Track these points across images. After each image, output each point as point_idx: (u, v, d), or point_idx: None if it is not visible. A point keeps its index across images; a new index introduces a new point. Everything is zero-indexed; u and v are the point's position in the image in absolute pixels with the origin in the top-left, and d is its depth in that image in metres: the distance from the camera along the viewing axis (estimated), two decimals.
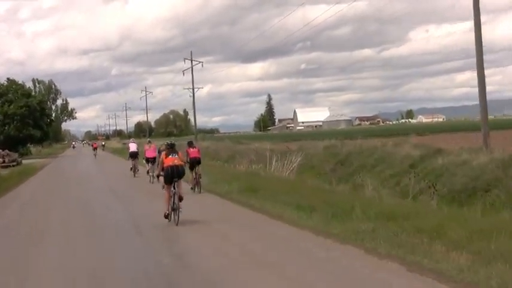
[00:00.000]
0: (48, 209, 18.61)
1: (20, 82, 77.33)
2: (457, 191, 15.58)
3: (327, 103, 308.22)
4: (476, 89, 21.03)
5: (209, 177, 22.83)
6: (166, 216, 13.36)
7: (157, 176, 13.98)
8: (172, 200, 13.25)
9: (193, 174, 20.32)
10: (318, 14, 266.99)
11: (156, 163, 21.09)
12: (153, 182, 24.34)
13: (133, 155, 30.75)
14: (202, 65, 70.49)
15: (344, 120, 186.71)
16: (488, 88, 21.97)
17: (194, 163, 20.15)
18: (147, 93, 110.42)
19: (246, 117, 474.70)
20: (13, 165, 47.54)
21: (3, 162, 48.47)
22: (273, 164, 22.69)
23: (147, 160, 26.74)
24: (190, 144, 20.89)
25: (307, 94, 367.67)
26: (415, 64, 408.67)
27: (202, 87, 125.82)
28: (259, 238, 11.24)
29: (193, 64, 68.88)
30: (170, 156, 13.53)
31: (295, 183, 17.19)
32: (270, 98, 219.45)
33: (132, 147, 31.33)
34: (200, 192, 20.09)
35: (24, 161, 54.64)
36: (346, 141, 30.16)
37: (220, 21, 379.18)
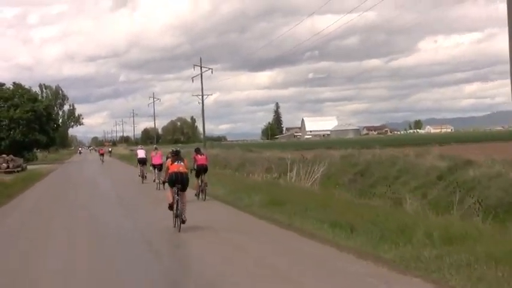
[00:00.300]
0: (52, 216, 17.80)
1: (26, 87, 76.49)
2: (492, 206, 14.37)
3: (334, 112, 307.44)
4: (484, 100, 19.85)
5: (224, 188, 21.99)
6: (171, 207, 13.50)
7: (163, 183, 13.86)
8: (175, 207, 13.31)
9: (199, 181, 19.85)
10: (327, 24, 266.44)
11: (163, 170, 20.70)
12: (159, 189, 24.01)
13: (142, 161, 31.09)
14: (212, 72, 70.10)
15: (352, 129, 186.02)
16: (496, 99, 20.80)
17: (201, 170, 19.73)
18: (155, 100, 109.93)
19: (253, 125, 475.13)
20: (17, 171, 46.51)
21: (8, 167, 47.35)
22: (294, 173, 21.52)
23: (154, 166, 26.95)
24: (197, 151, 20.45)
25: (314, 103, 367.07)
26: (423, 74, 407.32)
27: (211, 94, 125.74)
28: (284, 253, 10.10)
29: (202, 71, 68.22)
30: (175, 163, 13.68)
31: (324, 195, 15.88)
32: (277, 107, 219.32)
33: (140, 153, 31.88)
34: (205, 199, 19.56)
35: (29, 167, 53.56)
36: (363, 150, 29.03)
37: (228, 30, 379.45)
